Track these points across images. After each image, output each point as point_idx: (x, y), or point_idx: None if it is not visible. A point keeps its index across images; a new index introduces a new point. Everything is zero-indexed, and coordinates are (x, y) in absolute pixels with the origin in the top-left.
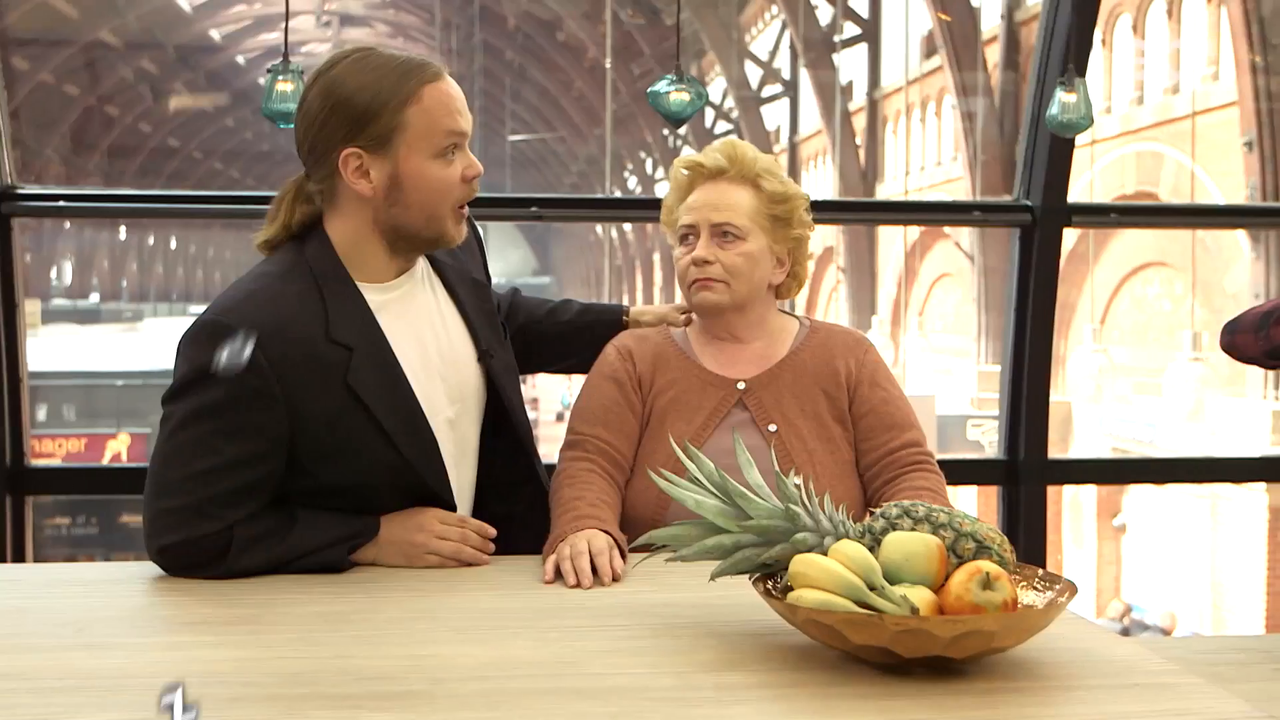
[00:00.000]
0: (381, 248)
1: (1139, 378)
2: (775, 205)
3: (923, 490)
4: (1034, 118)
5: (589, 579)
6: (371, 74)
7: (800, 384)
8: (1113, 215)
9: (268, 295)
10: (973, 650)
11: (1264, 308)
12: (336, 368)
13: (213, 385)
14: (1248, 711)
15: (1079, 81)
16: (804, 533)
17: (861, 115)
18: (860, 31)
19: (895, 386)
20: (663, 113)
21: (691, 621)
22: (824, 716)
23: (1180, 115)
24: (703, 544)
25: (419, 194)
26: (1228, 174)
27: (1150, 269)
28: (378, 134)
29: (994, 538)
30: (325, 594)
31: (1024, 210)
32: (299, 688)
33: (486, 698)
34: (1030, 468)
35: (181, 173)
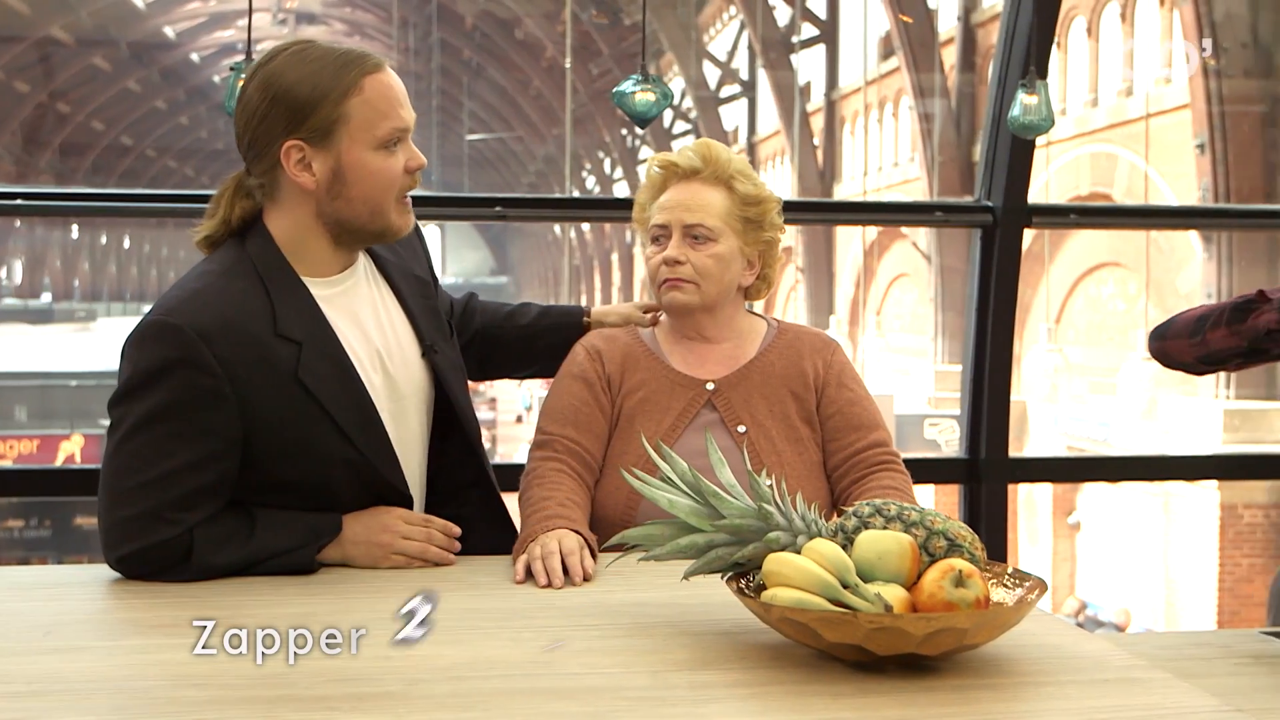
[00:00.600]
0: (325, 241)
1: (1094, 377)
2: (748, 207)
3: (890, 489)
4: (995, 119)
5: (560, 579)
6: (311, 66)
7: (769, 385)
8: (1072, 216)
9: (213, 293)
10: (945, 647)
11: (1195, 313)
12: (286, 363)
13: (162, 387)
14: (1216, 706)
15: (1040, 83)
16: (777, 532)
17: (820, 116)
18: (818, 33)
19: (862, 387)
20: (628, 113)
21: (663, 620)
22: (799, 714)
23: (1134, 117)
24: (676, 543)
25: (361, 186)
26: (1180, 176)
27: (1105, 269)
28: (319, 126)
29: (965, 535)
30: (293, 596)
31: (985, 211)
32: (273, 690)
33: (461, 698)
34: (992, 466)
35: (135, 171)
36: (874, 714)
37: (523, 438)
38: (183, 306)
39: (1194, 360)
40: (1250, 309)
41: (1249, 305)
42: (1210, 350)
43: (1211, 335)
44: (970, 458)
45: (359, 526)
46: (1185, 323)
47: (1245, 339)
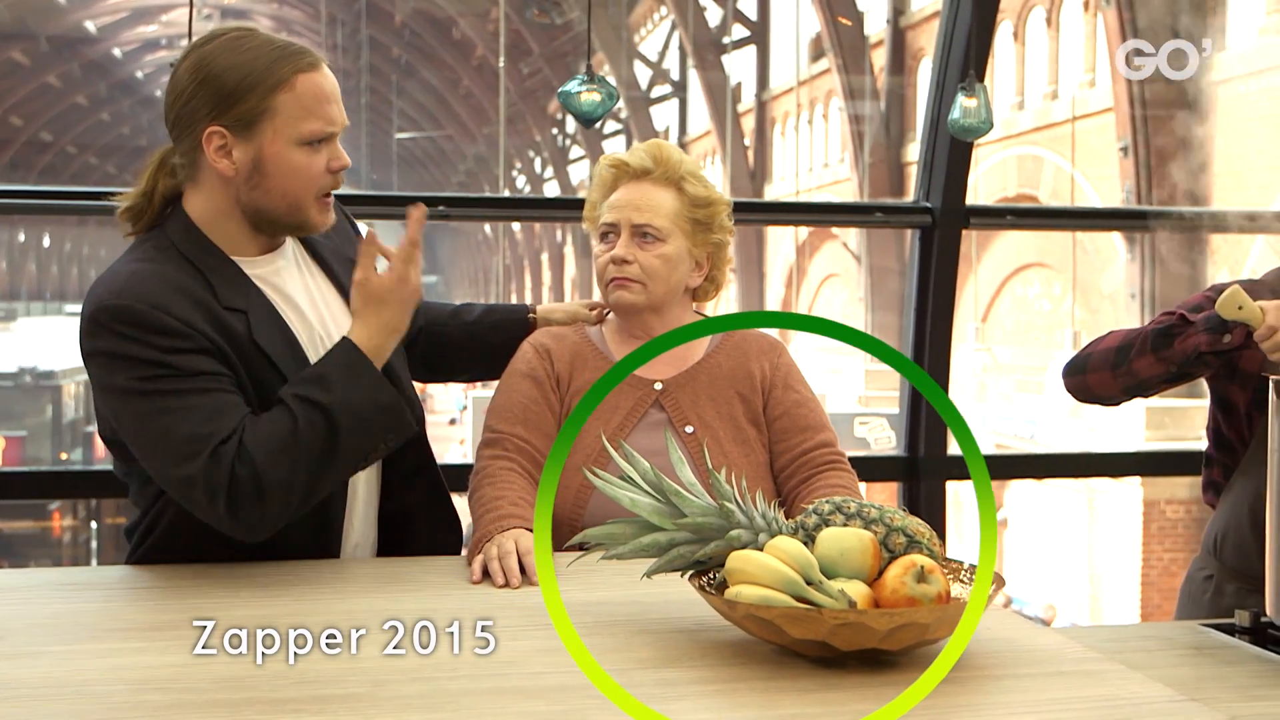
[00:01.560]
0: (244, 226)
1: (1021, 376)
2: (697, 209)
3: (838, 488)
4: (933, 121)
5: (518, 579)
6: (246, 54)
7: (716, 386)
8: (1009, 218)
9: (150, 275)
10: (907, 642)
11: (1111, 343)
12: (240, 330)
13: (136, 363)
14: (1171, 695)
15: (979, 86)
16: (738, 530)
17: (750, 116)
18: (749, 34)
19: (808, 389)
20: (574, 113)
21: (624, 619)
22: (766, 710)
23: (1059, 120)
24: (638, 542)
25: (280, 180)
26: (1105, 178)
27: (1031, 270)
28: (244, 115)
29: (923, 532)
30: (250, 598)
31: (924, 212)
32: (237, 692)
33: (429, 699)
34: (930, 464)
35: (55, 167)
36: (839, 708)
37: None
38: (124, 288)
39: (1119, 391)
40: (1174, 334)
41: (1171, 330)
42: (1139, 380)
43: (1138, 364)
44: (909, 455)
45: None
46: (1104, 355)
47: (1174, 364)
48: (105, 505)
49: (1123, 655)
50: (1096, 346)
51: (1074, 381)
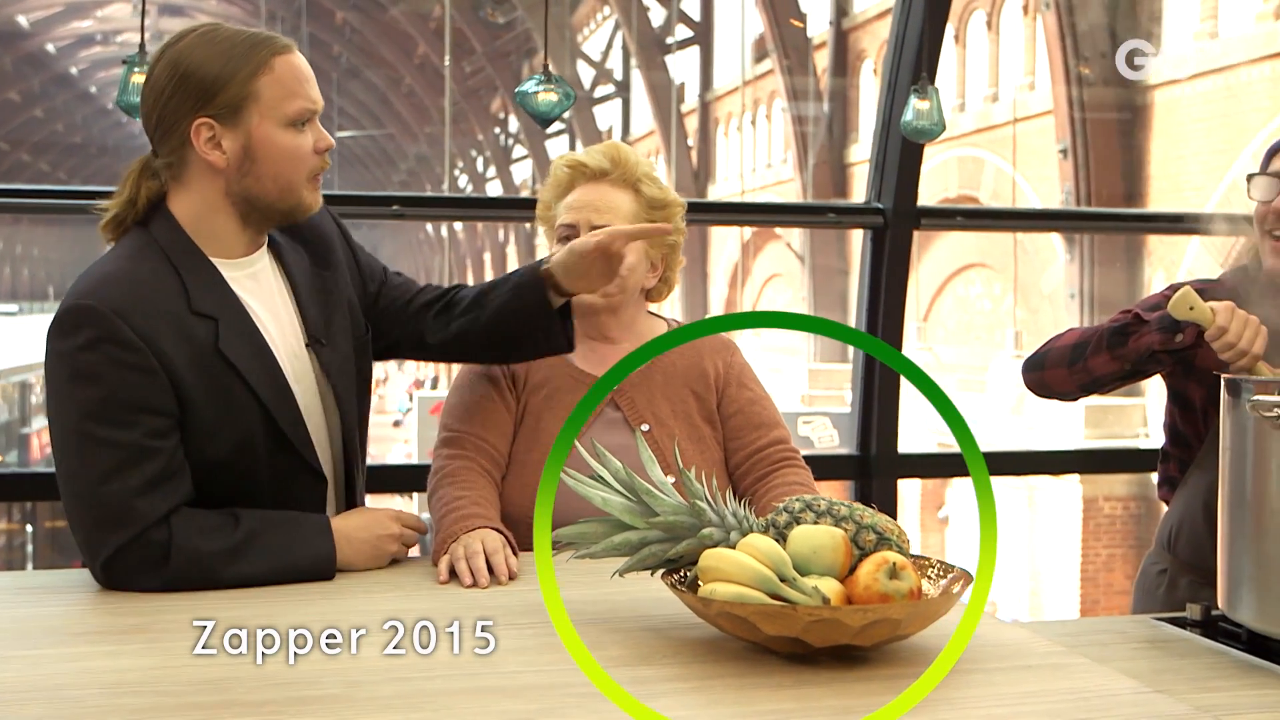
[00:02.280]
0: (233, 220)
1: (963, 375)
2: (654, 211)
3: (794, 485)
4: (885, 123)
5: (486, 578)
6: (221, 45)
7: (670, 385)
8: (959, 219)
9: (123, 275)
10: (879, 638)
11: (1068, 340)
12: (205, 338)
13: (90, 372)
14: (1137, 687)
15: (931, 89)
16: (710, 528)
17: (694, 117)
18: (692, 34)
19: (760, 387)
20: (531, 113)
21: (595, 618)
22: (743, 706)
23: (1000, 122)
24: (610, 541)
25: (271, 163)
26: (1044, 179)
27: (972, 270)
28: (229, 103)
29: (893, 529)
30: (214, 602)
31: (876, 213)
32: (214, 695)
33: (407, 699)
34: (883, 462)
35: None
36: (814, 704)
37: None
38: (94, 289)
39: (1075, 388)
40: (1129, 332)
41: (1126, 329)
42: (1094, 377)
43: (1093, 362)
44: (861, 454)
45: (351, 526)
46: (1061, 352)
47: (1128, 362)
48: (41, 508)
49: (1079, 650)
50: (1055, 344)
51: (1032, 378)
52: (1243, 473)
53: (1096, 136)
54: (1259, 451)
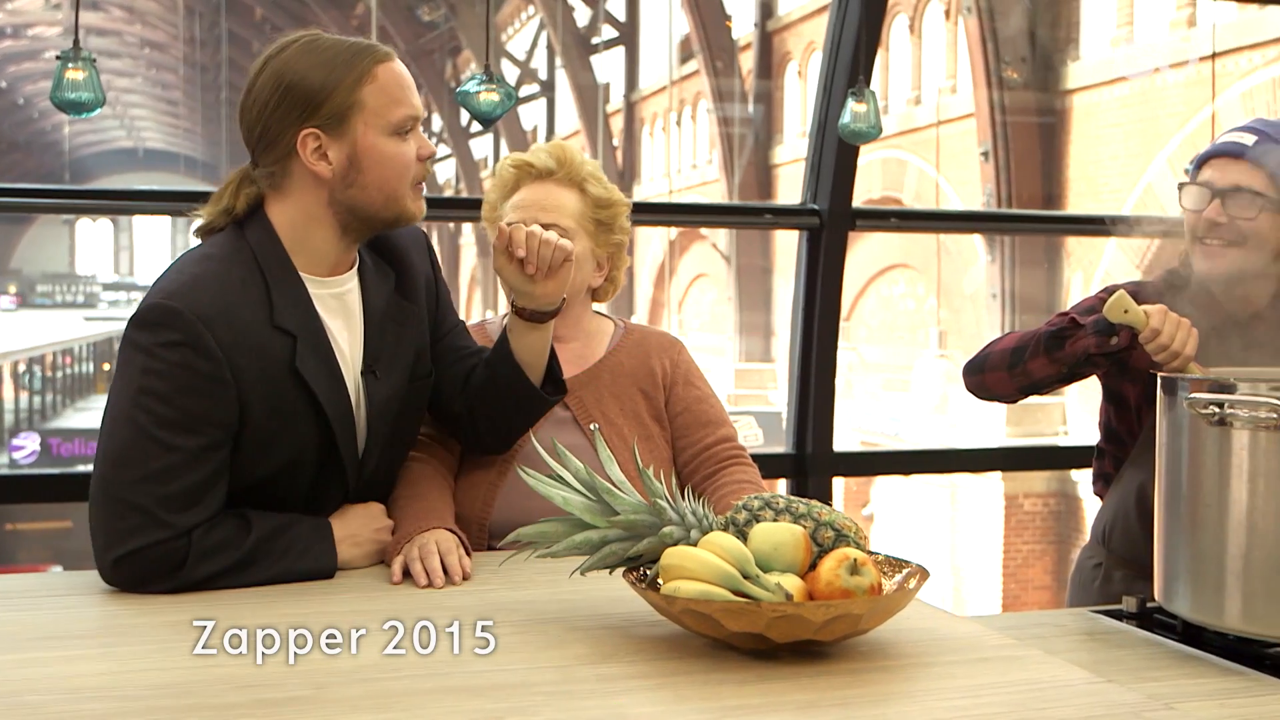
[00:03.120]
0: (332, 231)
1: (887, 374)
2: (600, 210)
3: (743, 483)
4: (820, 125)
5: (441, 578)
6: (323, 55)
7: (618, 384)
8: (893, 220)
9: (213, 279)
10: (841, 633)
11: (1007, 344)
12: (282, 354)
13: (161, 371)
14: (1089, 678)
15: (868, 91)
16: (671, 527)
17: (619, 117)
18: (618, 34)
19: (707, 385)
20: (472, 112)
21: (555, 617)
22: (709, 701)
23: (923, 125)
24: (571, 540)
25: (377, 172)
26: (966, 182)
27: (895, 270)
28: (334, 113)
29: (850, 526)
30: (168, 605)
31: (812, 214)
32: (178, 699)
33: (376, 700)
34: (818, 460)
35: None
36: (779, 699)
37: None
38: (183, 290)
39: (1015, 390)
40: (1065, 336)
41: (1063, 333)
42: (1033, 380)
43: (1032, 365)
44: (797, 453)
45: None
46: (1000, 355)
47: (1066, 365)
48: None
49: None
50: (994, 347)
51: (973, 381)
52: (1178, 469)
53: (1017, 140)
54: (1194, 448)
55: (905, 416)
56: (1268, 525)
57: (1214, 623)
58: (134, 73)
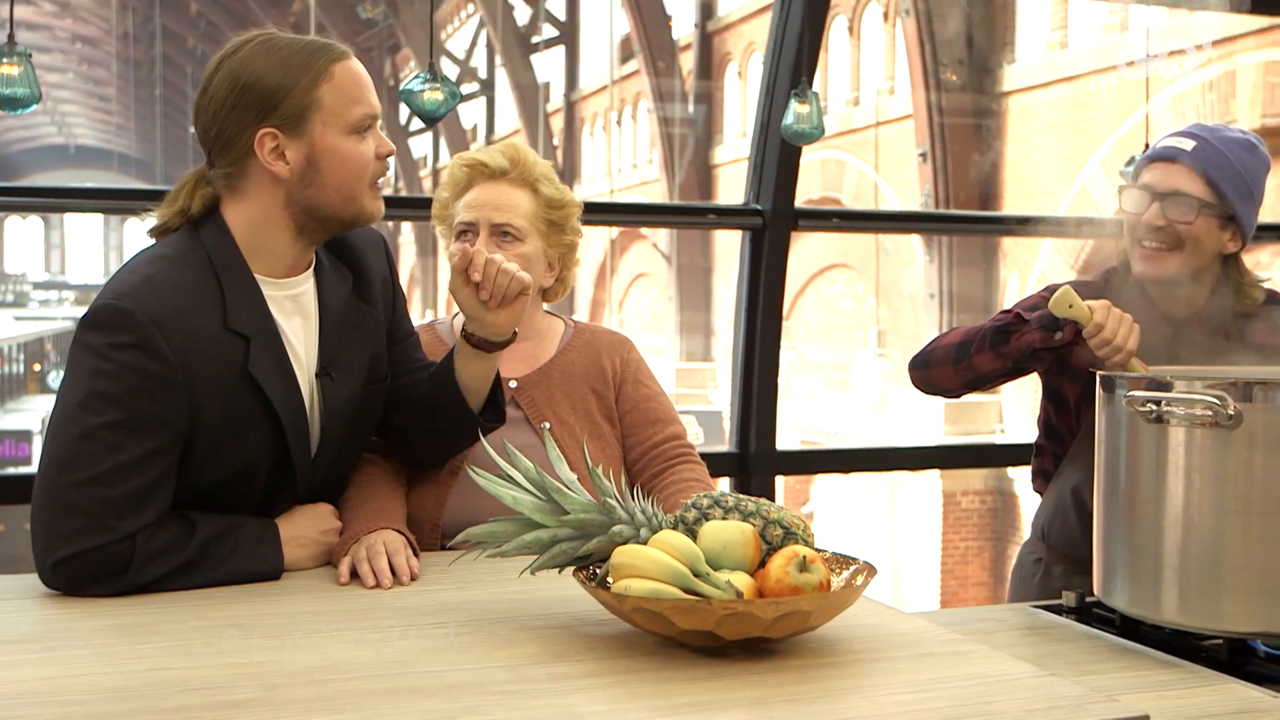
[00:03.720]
0: (288, 232)
1: (826, 373)
2: (552, 210)
3: (691, 481)
4: (763, 125)
5: (389, 579)
6: (280, 54)
7: (569, 383)
8: (835, 220)
9: (166, 280)
10: (790, 630)
11: (953, 339)
12: (235, 357)
13: (111, 373)
14: (1034, 671)
15: (810, 93)
16: (620, 525)
17: (559, 116)
18: (558, 34)
19: (656, 384)
20: (416, 111)
21: (503, 617)
22: (661, 699)
23: (861, 126)
24: (521, 539)
25: (335, 172)
26: (904, 183)
27: (835, 270)
28: (291, 112)
29: (798, 524)
30: (110, 607)
31: (755, 214)
32: (125, 703)
33: (329, 701)
34: (761, 459)
35: None
36: (730, 695)
37: None
38: (135, 291)
39: (960, 385)
40: (1010, 331)
41: (1008, 328)
42: (978, 374)
43: (977, 359)
44: (740, 451)
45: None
46: (946, 350)
47: (1010, 359)
48: None
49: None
50: (940, 343)
51: (919, 375)
52: (1116, 465)
53: (954, 141)
54: (1132, 445)
55: (845, 415)
56: (1203, 520)
57: (1151, 616)
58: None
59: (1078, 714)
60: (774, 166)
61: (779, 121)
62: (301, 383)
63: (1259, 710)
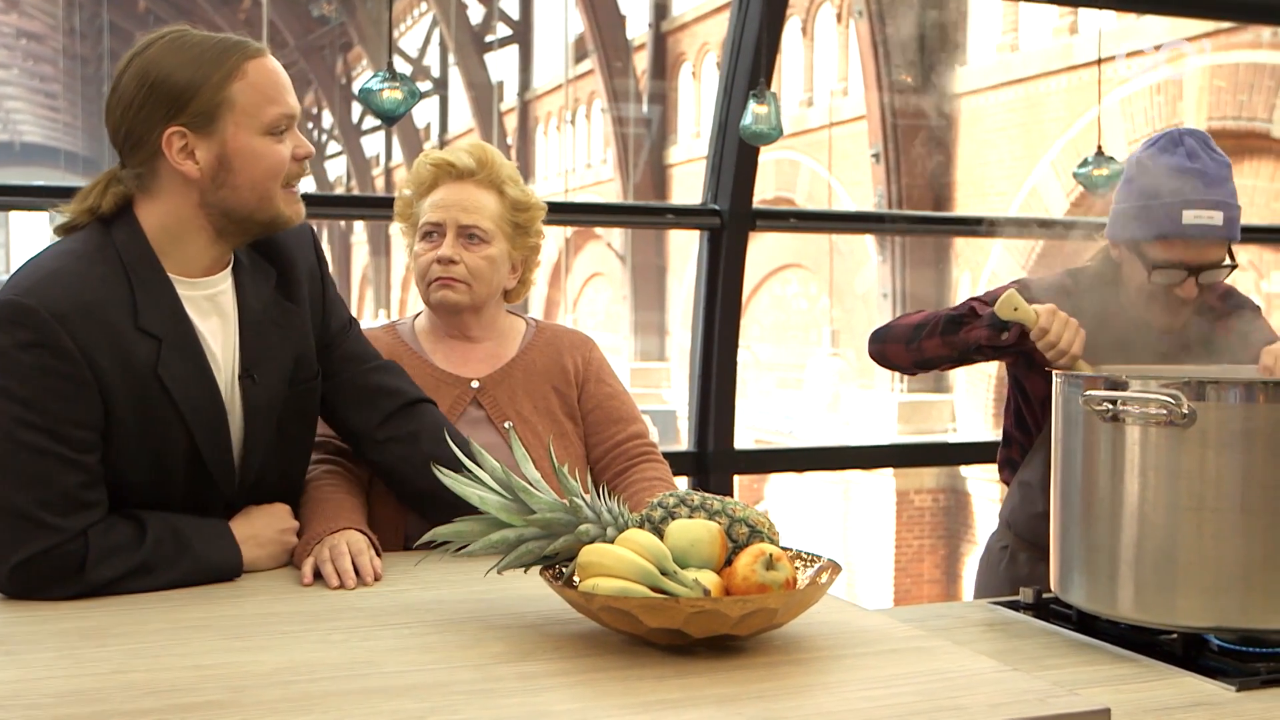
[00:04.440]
0: (205, 234)
1: (781, 373)
2: (518, 213)
3: (654, 480)
4: (721, 126)
5: (353, 579)
6: (191, 51)
7: (531, 382)
8: (792, 220)
9: (72, 276)
10: (757, 627)
11: (913, 320)
12: (144, 358)
13: (19, 376)
14: (997, 666)
15: (769, 94)
16: (587, 524)
17: (513, 116)
18: (511, 33)
19: (618, 382)
20: (375, 111)
21: (468, 616)
22: (630, 697)
23: (815, 126)
24: (488, 539)
25: (248, 173)
26: (858, 183)
27: (788, 270)
28: (201, 110)
29: (763, 522)
30: (69, 610)
31: (713, 214)
32: (88, 706)
33: (295, 702)
34: (719, 458)
35: None
36: (699, 693)
37: None
38: (38, 287)
39: (910, 364)
40: (962, 323)
41: (961, 320)
42: (925, 357)
43: (926, 344)
44: (698, 450)
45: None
46: (903, 330)
47: (956, 350)
48: None
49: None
50: (900, 321)
51: (875, 348)
52: (1073, 463)
53: (907, 142)
54: (1088, 443)
55: (799, 415)
56: (1158, 517)
57: (1108, 612)
58: (9, 64)
59: (1041, 708)
60: (732, 167)
61: (737, 122)
62: (221, 385)
63: (1214, 703)
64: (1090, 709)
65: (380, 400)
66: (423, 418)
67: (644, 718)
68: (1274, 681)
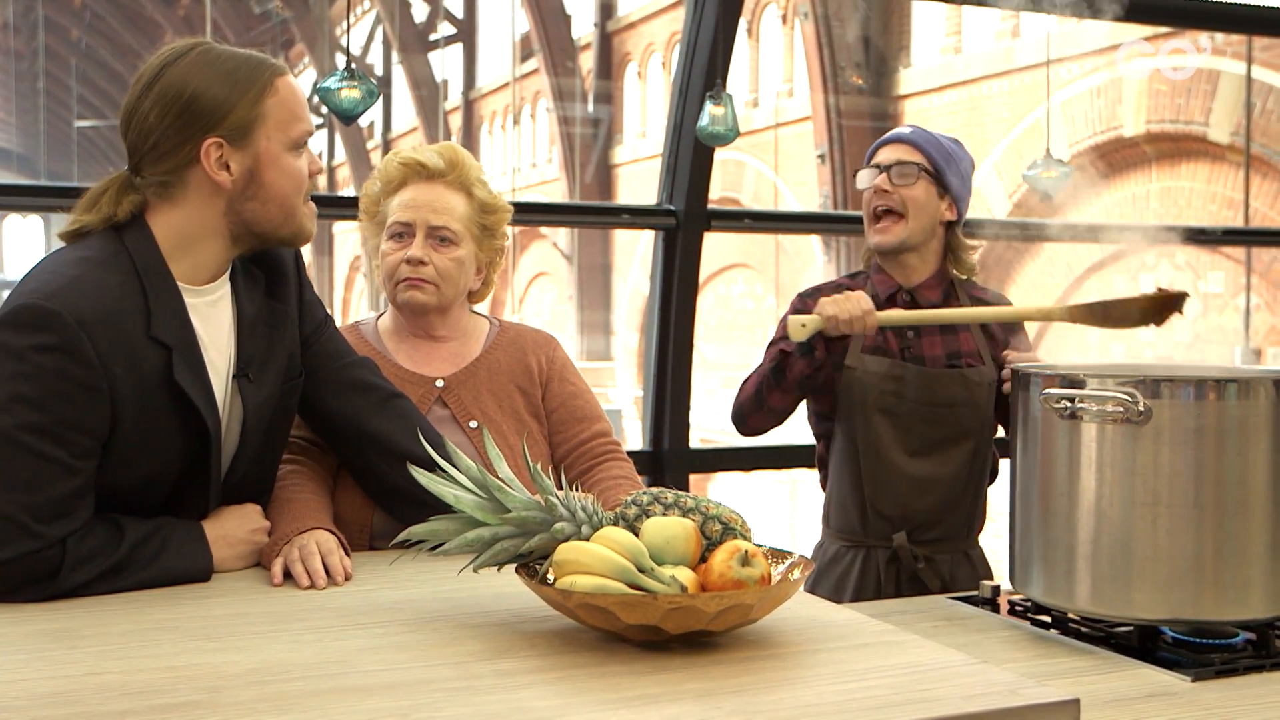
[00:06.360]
0: (221, 242)
1: (726, 372)
2: (486, 215)
3: (620, 479)
4: (677, 127)
5: (323, 579)
6: (224, 65)
7: (496, 381)
8: (746, 220)
9: (92, 283)
10: (732, 623)
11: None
12: (156, 366)
13: (34, 376)
14: (966, 659)
15: (725, 95)
16: (562, 523)
17: (458, 115)
18: (456, 31)
19: (582, 381)
20: (334, 110)
21: (441, 615)
22: (608, 693)
23: (761, 127)
24: (463, 537)
25: (276, 186)
26: (803, 184)
27: (734, 270)
28: (238, 123)
29: (736, 520)
30: (41, 611)
31: (669, 214)
32: (64, 708)
33: (272, 702)
34: (675, 457)
35: None
36: (676, 688)
37: None
38: (62, 292)
39: (777, 421)
40: (782, 368)
41: (780, 366)
42: (780, 408)
43: (772, 400)
44: (654, 450)
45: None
46: (749, 401)
47: (794, 390)
48: None
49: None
50: (742, 397)
51: (743, 429)
52: (1032, 461)
53: (852, 143)
54: (1046, 440)
55: None
56: (1114, 513)
57: (1065, 605)
58: None
59: (1011, 699)
60: (687, 167)
61: (693, 123)
62: (216, 388)
63: (1170, 693)
64: (1060, 699)
65: (356, 396)
66: (399, 413)
67: (625, 712)
68: (1228, 672)
